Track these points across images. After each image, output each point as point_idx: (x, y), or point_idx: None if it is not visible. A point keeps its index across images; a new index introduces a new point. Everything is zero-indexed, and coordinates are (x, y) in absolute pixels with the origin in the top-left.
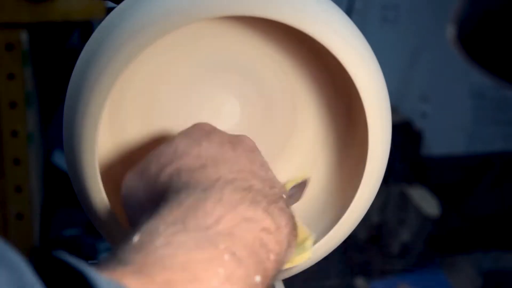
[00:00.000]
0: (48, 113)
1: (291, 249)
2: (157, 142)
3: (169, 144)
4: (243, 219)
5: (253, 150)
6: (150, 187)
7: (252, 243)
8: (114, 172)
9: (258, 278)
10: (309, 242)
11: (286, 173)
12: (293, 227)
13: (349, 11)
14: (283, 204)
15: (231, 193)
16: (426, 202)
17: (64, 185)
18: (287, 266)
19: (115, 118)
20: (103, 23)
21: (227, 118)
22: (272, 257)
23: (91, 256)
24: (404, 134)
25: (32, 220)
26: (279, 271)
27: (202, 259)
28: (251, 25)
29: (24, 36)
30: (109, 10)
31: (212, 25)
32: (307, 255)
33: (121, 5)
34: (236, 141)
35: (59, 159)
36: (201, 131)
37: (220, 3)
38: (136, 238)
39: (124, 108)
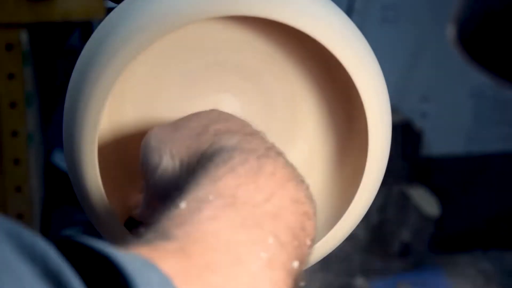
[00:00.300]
0: (48, 113)
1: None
2: None
3: (206, 111)
4: (291, 200)
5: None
6: (191, 140)
7: (294, 226)
8: (114, 172)
9: (296, 264)
10: None
11: None
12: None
13: (349, 11)
14: (304, 182)
15: (283, 166)
16: (426, 202)
17: (64, 185)
18: None
19: (115, 118)
20: (103, 23)
21: None
22: (308, 242)
23: None
24: (404, 134)
25: (32, 220)
26: (309, 258)
27: (247, 240)
28: (251, 25)
29: (24, 36)
30: (109, 10)
31: (212, 25)
32: None
33: (121, 5)
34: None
35: (59, 159)
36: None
37: (220, 3)
38: (183, 205)
39: (124, 108)
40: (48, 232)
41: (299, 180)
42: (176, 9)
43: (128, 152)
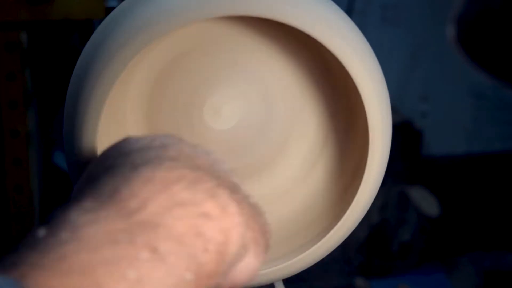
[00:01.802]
0: (48, 113)
1: (256, 248)
2: None
3: (121, 139)
4: (175, 203)
5: (221, 161)
6: (92, 179)
7: (184, 233)
8: None
9: (189, 276)
10: None
11: (285, 174)
12: (251, 227)
13: (349, 11)
14: (243, 200)
15: (168, 170)
16: (426, 202)
17: (64, 185)
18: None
19: (115, 118)
20: (103, 23)
21: (227, 118)
22: (211, 247)
23: None
24: (404, 134)
25: (32, 220)
26: (231, 266)
27: (109, 259)
28: (251, 25)
29: (24, 36)
30: (109, 10)
31: (212, 25)
32: None
33: (121, 5)
34: (201, 148)
35: (59, 159)
36: (164, 134)
37: (220, 3)
38: (41, 231)
39: (124, 108)
40: None
41: (197, 180)
42: (176, 9)
43: None
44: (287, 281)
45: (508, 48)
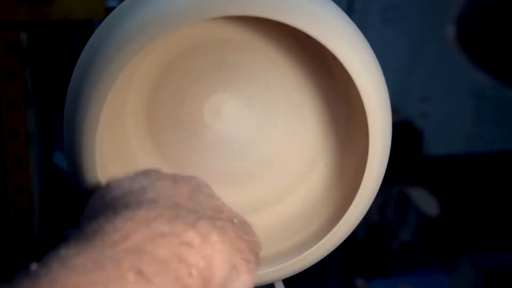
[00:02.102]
0: (48, 113)
1: (247, 266)
2: (157, 142)
3: (103, 184)
4: (156, 234)
5: (202, 183)
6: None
7: (167, 259)
8: (114, 172)
9: None
10: None
11: (286, 174)
12: (240, 249)
13: (349, 11)
14: (225, 224)
15: (147, 210)
16: (426, 202)
17: (64, 185)
18: None
19: (116, 118)
20: (103, 23)
21: (227, 118)
22: (194, 272)
23: None
24: (404, 134)
25: (32, 220)
26: (224, 287)
27: (98, 281)
28: (251, 25)
29: (24, 36)
30: (109, 10)
31: (212, 25)
32: None
33: (121, 5)
34: (181, 178)
35: (59, 159)
36: (143, 171)
37: (220, 3)
38: (33, 266)
39: (124, 108)
40: (48, 232)
41: (176, 216)
42: (176, 9)
43: (128, 151)
44: (287, 281)
45: (508, 48)
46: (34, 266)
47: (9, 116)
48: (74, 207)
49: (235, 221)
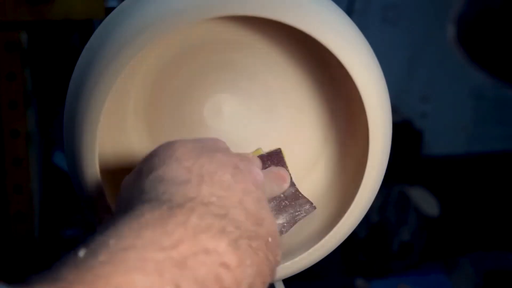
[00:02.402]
0: (48, 113)
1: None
2: (158, 142)
3: (169, 145)
4: (202, 249)
5: (258, 184)
6: (133, 193)
7: (205, 277)
8: (114, 172)
9: None
10: None
11: None
12: (262, 273)
13: (349, 11)
14: (260, 244)
15: (199, 217)
16: (426, 202)
17: (64, 185)
18: None
19: (115, 118)
20: (103, 23)
21: (227, 117)
22: None
23: None
24: (404, 134)
25: (32, 220)
26: None
27: (139, 285)
28: (252, 25)
29: (24, 36)
30: (109, 10)
31: (212, 25)
32: None
33: (121, 5)
34: (244, 166)
35: (59, 159)
36: (211, 145)
37: (220, 3)
38: (81, 252)
39: (124, 107)
40: (48, 232)
41: (222, 230)
42: (176, 9)
43: (128, 151)
44: (287, 281)
45: (508, 48)
46: (82, 252)
47: (9, 116)
48: (74, 207)
49: (270, 239)
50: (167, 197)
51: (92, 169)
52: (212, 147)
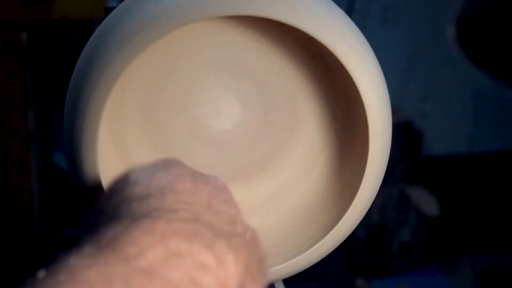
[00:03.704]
0: (48, 113)
1: (255, 285)
2: (158, 141)
3: (122, 175)
4: (172, 253)
5: (220, 186)
6: (95, 225)
7: (179, 282)
8: (114, 172)
9: None
10: None
11: (286, 174)
12: (250, 270)
13: (349, 11)
14: (239, 241)
15: (167, 222)
16: (426, 202)
17: (64, 185)
18: None
19: (116, 118)
20: (103, 23)
21: (227, 118)
22: None
23: None
24: (404, 134)
25: (32, 220)
26: None
27: None
28: (251, 25)
29: (24, 36)
30: (109, 10)
31: (212, 25)
32: None
33: (121, 5)
34: (200, 176)
35: (59, 159)
36: (163, 163)
37: (220, 3)
38: (41, 274)
39: (124, 108)
40: (48, 232)
41: (194, 233)
42: (176, 9)
43: (128, 151)
44: (287, 281)
45: (508, 48)
46: (41, 274)
47: (9, 116)
48: (74, 207)
49: (247, 235)
50: (130, 212)
51: (92, 169)
52: (164, 165)
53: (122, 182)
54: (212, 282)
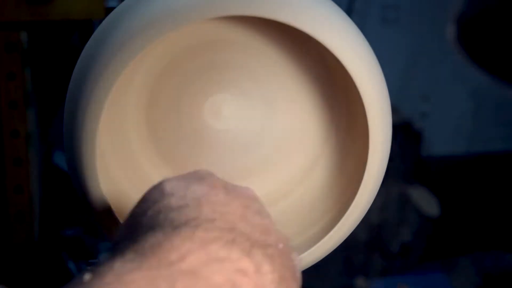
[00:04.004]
0: (48, 113)
1: None
2: (158, 141)
3: (155, 187)
4: (214, 258)
5: (252, 197)
6: (133, 232)
7: (221, 285)
8: (114, 172)
9: None
10: None
11: (286, 174)
12: (285, 279)
13: (349, 11)
14: (273, 251)
15: (205, 231)
16: (426, 202)
17: (64, 185)
18: None
19: (115, 118)
20: (103, 23)
21: (227, 118)
22: None
23: (92, 256)
24: (404, 134)
25: (32, 220)
26: None
27: None
28: (252, 25)
29: (24, 36)
30: (109, 10)
31: (212, 25)
32: None
33: (121, 5)
34: (232, 187)
35: (59, 159)
36: (195, 175)
37: (220, 3)
38: (87, 277)
39: (124, 108)
40: (48, 232)
41: (232, 241)
42: (176, 9)
43: (128, 152)
44: None
45: (508, 48)
46: (87, 277)
47: (9, 116)
48: (74, 208)
49: (281, 246)
50: (168, 222)
51: (92, 170)
52: (197, 176)
53: (157, 193)
54: (251, 286)
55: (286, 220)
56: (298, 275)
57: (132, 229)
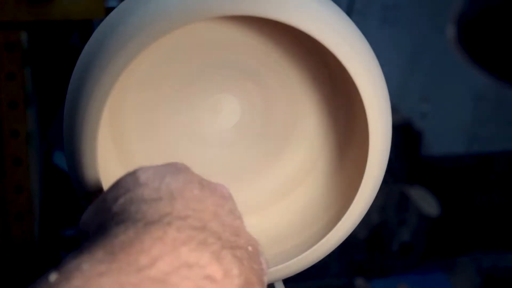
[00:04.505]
0: (48, 113)
1: None
2: (158, 141)
3: (130, 174)
4: (183, 264)
5: (226, 197)
6: (102, 219)
7: None
8: (114, 172)
9: None
10: None
11: (286, 173)
12: (251, 282)
13: (349, 11)
14: (242, 253)
15: (177, 230)
16: (426, 202)
17: (64, 185)
18: None
19: (116, 118)
20: (103, 23)
21: (227, 117)
22: None
23: None
24: (404, 134)
25: (32, 220)
26: None
27: None
28: (251, 25)
29: (24, 36)
30: (109, 10)
31: (212, 25)
32: None
33: (121, 5)
34: (207, 184)
35: (59, 159)
36: (172, 167)
37: (220, 3)
38: (53, 277)
39: (124, 108)
40: (48, 232)
41: (203, 242)
42: (176, 9)
43: (128, 151)
44: (287, 281)
45: (509, 48)
46: (53, 277)
47: (9, 116)
48: (74, 207)
49: (250, 248)
50: (140, 215)
51: (92, 169)
52: (173, 169)
53: (131, 181)
54: None
55: (286, 220)
56: (265, 280)
57: (101, 215)
